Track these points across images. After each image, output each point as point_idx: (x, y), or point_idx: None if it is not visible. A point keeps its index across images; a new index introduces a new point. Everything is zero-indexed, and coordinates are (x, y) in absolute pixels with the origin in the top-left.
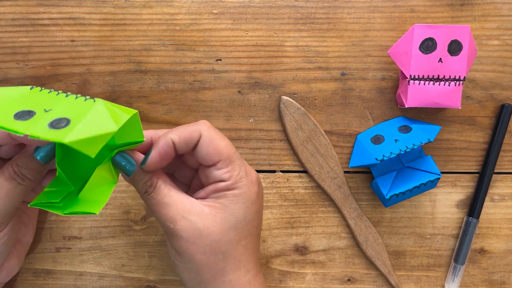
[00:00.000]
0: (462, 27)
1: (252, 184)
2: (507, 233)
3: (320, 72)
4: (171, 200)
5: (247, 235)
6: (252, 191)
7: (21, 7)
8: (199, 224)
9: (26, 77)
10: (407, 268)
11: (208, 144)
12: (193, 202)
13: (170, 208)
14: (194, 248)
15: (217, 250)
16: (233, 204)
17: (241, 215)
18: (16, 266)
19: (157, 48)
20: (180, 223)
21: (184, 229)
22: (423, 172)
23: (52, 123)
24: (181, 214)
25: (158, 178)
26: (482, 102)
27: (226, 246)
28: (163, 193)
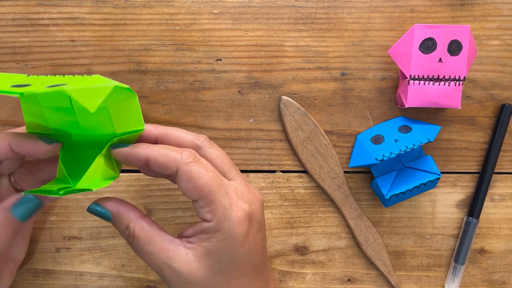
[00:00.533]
0: (462, 27)
1: (239, 224)
2: (507, 233)
3: (320, 72)
4: (153, 249)
5: (238, 276)
6: (239, 233)
7: (21, 7)
8: (184, 272)
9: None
10: (407, 268)
11: (186, 181)
12: (176, 247)
13: (154, 257)
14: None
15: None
16: (216, 250)
17: (226, 260)
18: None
19: (157, 48)
20: (165, 272)
21: (170, 278)
22: (423, 172)
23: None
24: (165, 263)
25: (134, 225)
26: (482, 102)
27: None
28: (143, 242)
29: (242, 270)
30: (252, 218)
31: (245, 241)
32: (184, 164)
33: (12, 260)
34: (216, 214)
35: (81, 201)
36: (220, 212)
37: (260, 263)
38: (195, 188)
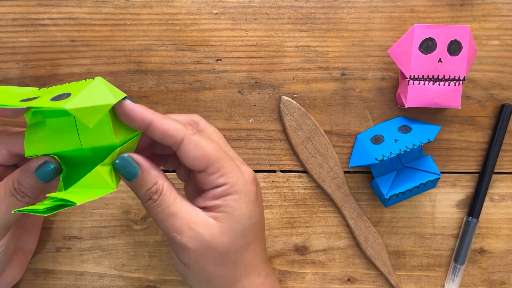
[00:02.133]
0: (462, 27)
1: (250, 184)
2: (507, 233)
3: (320, 72)
4: (178, 210)
5: (255, 240)
6: (252, 192)
7: (21, 7)
8: (206, 236)
9: (26, 77)
10: (407, 268)
11: (193, 148)
12: (198, 212)
13: (177, 219)
14: (204, 260)
15: (227, 260)
16: (236, 211)
17: (246, 220)
18: (18, 274)
19: (157, 48)
20: (187, 235)
21: (192, 240)
22: (423, 172)
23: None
24: (188, 225)
25: (163, 183)
26: (482, 102)
27: (236, 255)
28: (169, 201)
29: (257, 233)
30: (257, 182)
31: (258, 201)
32: (190, 134)
33: (22, 249)
34: (228, 176)
35: None
36: (232, 174)
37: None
38: (204, 156)
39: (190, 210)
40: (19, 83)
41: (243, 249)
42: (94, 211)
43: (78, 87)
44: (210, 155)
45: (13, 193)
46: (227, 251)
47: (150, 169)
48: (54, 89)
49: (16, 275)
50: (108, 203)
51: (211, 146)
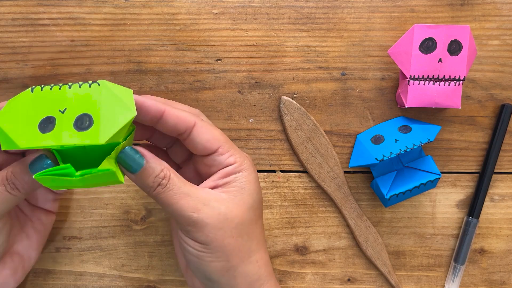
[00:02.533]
0: (462, 27)
1: (252, 165)
2: (507, 233)
3: (320, 72)
4: (189, 190)
5: (260, 215)
6: (255, 172)
7: (21, 7)
8: (222, 209)
9: (26, 77)
10: (407, 268)
11: (205, 132)
12: (208, 190)
13: (190, 198)
14: (222, 233)
15: (242, 231)
16: (247, 185)
17: (255, 194)
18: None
19: (157, 48)
20: (204, 211)
21: (209, 215)
22: (423, 172)
23: (76, 124)
24: (202, 202)
25: (169, 168)
26: (482, 102)
27: (249, 226)
28: (179, 183)
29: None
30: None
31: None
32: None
33: (19, 254)
34: (237, 156)
35: (81, 201)
36: (239, 154)
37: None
38: (215, 138)
39: (200, 189)
40: (19, 83)
41: (254, 221)
42: (94, 211)
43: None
44: (219, 137)
45: (4, 182)
46: (242, 222)
47: (154, 157)
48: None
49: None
50: (108, 203)
51: (218, 131)
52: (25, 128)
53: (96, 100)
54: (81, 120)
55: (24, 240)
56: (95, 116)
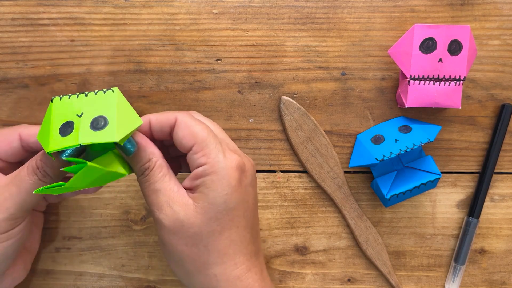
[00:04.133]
0: (462, 27)
1: (231, 169)
2: (507, 233)
3: (320, 72)
4: (162, 186)
5: (231, 226)
6: (232, 176)
7: (21, 7)
8: (181, 215)
9: (26, 77)
10: (407, 268)
11: (183, 128)
12: (181, 192)
13: (160, 194)
14: (176, 239)
15: (198, 241)
16: (211, 192)
17: (220, 203)
18: (22, 272)
19: (157, 48)
20: (164, 211)
21: (167, 218)
22: (423, 172)
23: (92, 125)
24: (167, 202)
25: (157, 161)
26: (482, 102)
27: (208, 237)
28: (156, 178)
29: (235, 220)
30: (244, 169)
31: (239, 187)
32: (182, 115)
33: (25, 249)
34: (209, 156)
35: (81, 201)
36: (214, 154)
37: (252, 222)
38: (191, 134)
39: (174, 189)
40: (19, 83)
41: (217, 233)
42: (93, 211)
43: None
44: (197, 134)
45: (35, 171)
46: (199, 233)
47: (147, 146)
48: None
49: (20, 273)
50: (108, 203)
51: (200, 127)
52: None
53: (110, 105)
54: (97, 121)
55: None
56: (110, 118)
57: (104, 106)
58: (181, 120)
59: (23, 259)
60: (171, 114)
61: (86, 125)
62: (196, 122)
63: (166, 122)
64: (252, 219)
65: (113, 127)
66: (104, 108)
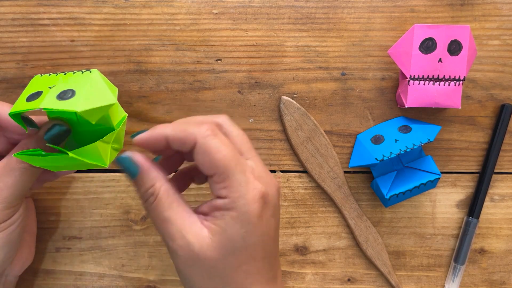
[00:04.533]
0: (462, 27)
1: (253, 203)
2: (507, 233)
3: (320, 72)
4: (172, 215)
5: (249, 260)
6: (253, 212)
7: (21, 7)
8: (196, 247)
9: (26, 77)
10: (407, 268)
11: (203, 154)
12: (193, 220)
13: (171, 225)
14: (191, 270)
15: (214, 275)
16: (230, 228)
17: (239, 240)
18: (30, 256)
19: (157, 48)
20: (178, 242)
21: (181, 249)
22: (423, 172)
23: (59, 95)
24: (180, 233)
25: (161, 186)
26: (482, 102)
27: (224, 271)
28: (164, 206)
29: (253, 254)
30: (267, 200)
31: (259, 222)
32: (202, 137)
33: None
34: (231, 190)
35: (81, 201)
36: (235, 188)
37: (271, 251)
38: (211, 163)
39: (186, 216)
40: (19, 83)
41: (234, 267)
42: (93, 211)
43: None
44: (218, 163)
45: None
46: (215, 266)
47: (149, 170)
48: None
49: (28, 257)
50: (108, 203)
51: (222, 154)
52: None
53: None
54: (65, 93)
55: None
56: (79, 92)
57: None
58: (201, 144)
59: (27, 242)
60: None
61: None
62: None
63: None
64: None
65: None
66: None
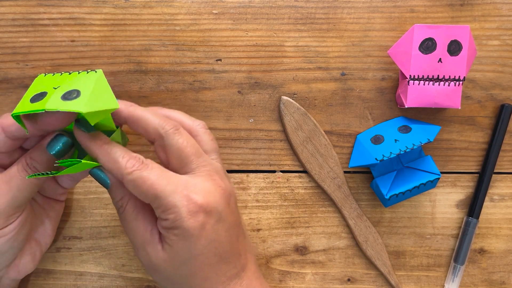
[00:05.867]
0: (462, 27)
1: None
2: (507, 233)
3: (320, 72)
4: (136, 227)
5: (203, 266)
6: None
7: (21, 7)
8: (154, 259)
9: (26, 77)
10: (407, 268)
11: (132, 189)
12: (153, 233)
13: (135, 235)
14: (156, 276)
15: (174, 281)
16: (175, 244)
17: (185, 254)
18: (30, 264)
19: (157, 48)
20: (141, 252)
21: (143, 259)
22: (423, 172)
23: (64, 95)
24: (142, 244)
25: (128, 200)
26: (482, 102)
27: (182, 280)
28: (130, 218)
29: (206, 261)
30: (208, 210)
31: (202, 233)
32: (127, 174)
33: (36, 240)
34: (168, 213)
35: (81, 201)
36: (171, 210)
37: (228, 252)
38: (143, 194)
39: (148, 229)
40: (19, 83)
41: (189, 275)
42: (94, 211)
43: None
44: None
45: (25, 168)
46: (171, 276)
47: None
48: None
49: (28, 265)
50: (108, 203)
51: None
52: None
53: (89, 82)
54: (70, 93)
55: (39, 227)
56: (84, 92)
57: (82, 83)
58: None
59: (32, 252)
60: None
61: (58, 95)
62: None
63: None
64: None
65: (84, 99)
66: (82, 84)
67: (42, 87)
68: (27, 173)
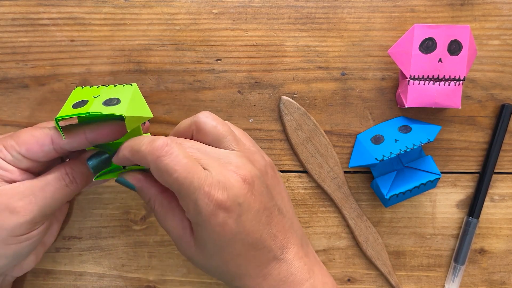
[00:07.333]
0: (462, 27)
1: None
2: (507, 233)
3: (320, 72)
4: (169, 225)
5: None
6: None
7: (20, 7)
8: (187, 252)
9: (26, 77)
10: (407, 268)
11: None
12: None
13: (169, 232)
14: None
15: (212, 271)
16: (201, 238)
17: (211, 247)
18: (32, 263)
19: (157, 48)
20: (178, 247)
21: (181, 252)
22: (423, 172)
23: (105, 102)
24: (176, 239)
25: (155, 201)
26: (482, 102)
27: (216, 269)
28: (161, 217)
29: (234, 252)
30: (227, 206)
31: (225, 229)
32: (155, 157)
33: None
34: (189, 208)
35: (81, 201)
36: (192, 207)
37: (257, 239)
38: (167, 184)
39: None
40: (19, 83)
41: (223, 264)
42: (93, 211)
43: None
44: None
45: (64, 177)
46: (207, 266)
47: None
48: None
49: (31, 264)
50: (108, 203)
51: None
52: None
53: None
54: (110, 100)
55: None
56: (123, 100)
57: (120, 93)
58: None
59: (36, 251)
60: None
61: (99, 102)
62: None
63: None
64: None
65: (124, 105)
66: (120, 94)
67: (82, 96)
68: (64, 182)
